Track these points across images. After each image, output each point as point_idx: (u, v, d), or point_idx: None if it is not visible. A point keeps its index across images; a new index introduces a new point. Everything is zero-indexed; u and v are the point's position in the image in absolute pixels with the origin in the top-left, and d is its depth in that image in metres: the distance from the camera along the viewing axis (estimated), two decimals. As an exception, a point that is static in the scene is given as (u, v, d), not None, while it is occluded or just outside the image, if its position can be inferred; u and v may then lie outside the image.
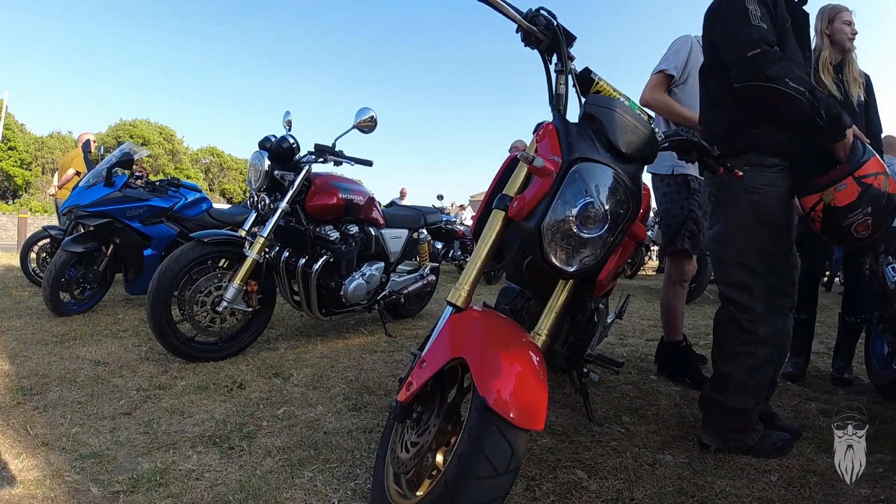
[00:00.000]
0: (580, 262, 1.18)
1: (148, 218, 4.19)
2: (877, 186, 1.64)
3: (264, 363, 2.76)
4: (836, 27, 2.69)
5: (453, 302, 1.27)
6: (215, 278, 2.82)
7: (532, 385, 1.05)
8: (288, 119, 3.13)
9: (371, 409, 2.17)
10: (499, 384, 1.01)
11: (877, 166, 1.66)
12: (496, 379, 1.01)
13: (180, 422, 1.96)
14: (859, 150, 1.69)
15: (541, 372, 1.09)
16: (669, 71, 2.68)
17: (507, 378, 1.02)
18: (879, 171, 1.65)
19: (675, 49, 2.72)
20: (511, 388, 1.01)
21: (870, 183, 1.65)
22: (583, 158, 1.16)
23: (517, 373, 1.05)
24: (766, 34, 1.63)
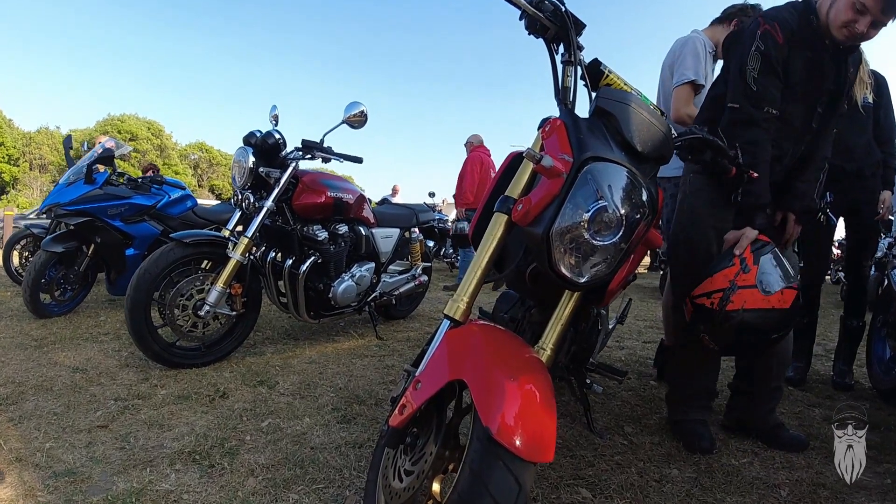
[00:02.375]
0: (592, 271, 1.07)
1: (130, 216, 4.07)
2: (708, 306, 1.60)
3: (249, 370, 2.64)
4: None
5: (451, 315, 1.15)
6: (197, 281, 2.69)
7: (540, 411, 0.94)
8: (275, 114, 3.00)
9: (361, 420, 2.05)
10: (504, 411, 0.90)
11: (721, 282, 1.59)
12: (500, 405, 0.90)
13: (159, 436, 1.85)
14: (725, 258, 1.65)
15: (549, 395, 0.99)
16: (699, 80, 2.55)
17: (512, 403, 0.92)
18: (722, 287, 1.58)
19: (694, 53, 2.58)
20: (517, 416, 0.90)
21: (701, 303, 1.63)
22: (596, 157, 1.05)
23: (523, 397, 0.94)
24: (753, 94, 1.71)
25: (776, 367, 2.03)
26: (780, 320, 1.55)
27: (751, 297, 1.54)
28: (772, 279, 1.56)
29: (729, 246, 1.70)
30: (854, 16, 1.63)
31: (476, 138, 6.46)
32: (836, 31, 1.69)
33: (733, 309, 1.54)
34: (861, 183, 2.70)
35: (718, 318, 1.56)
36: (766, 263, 1.59)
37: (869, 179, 2.71)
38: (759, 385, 2.04)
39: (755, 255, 1.61)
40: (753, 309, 1.52)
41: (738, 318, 1.53)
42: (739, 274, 1.57)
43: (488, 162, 6.16)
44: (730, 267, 1.60)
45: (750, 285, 1.55)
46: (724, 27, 2.70)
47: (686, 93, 2.56)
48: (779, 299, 1.54)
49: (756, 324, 1.53)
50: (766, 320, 1.53)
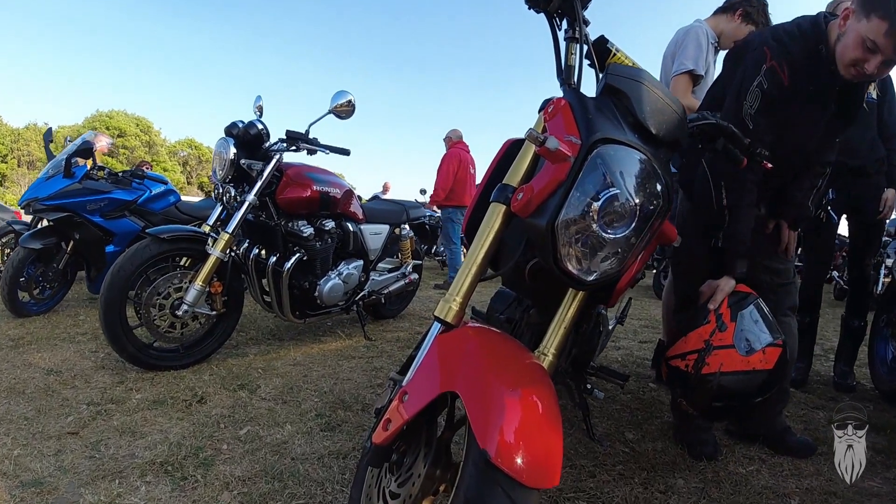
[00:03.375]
0: (601, 268, 0.95)
1: (110, 212, 3.93)
2: (682, 369, 1.46)
3: (230, 372, 2.50)
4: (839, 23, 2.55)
5: (442, 318, 1.03)
6: (175, 278, 2.55)
7: (544, 428, 0.82)
8: (259, 104, 2.86)
9: (346, 428, 1.93)
10: (503, 429, 0.78)
11: (696, 342, 1.45)
12: (499, 422, 0.79)
13: (130, 444, 1.74)
14: (699, 315, 1.51)
15: (553, 408, 0.87)
16: (698, 70, 2.45)
17: (512, 419, 0.80)
18: (697, 348, 1.44)
19: (696, 43, 2.48)
20: (518, 434, 0.79)
21: (675, 366, 1.50)
22: (606, 140, 0.93)
23: (525, 412, 0.82)
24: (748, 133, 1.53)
25: None
26: (764, 383, 1.39)
27: (728, 358, 1.38)
28: (752, 337, 1.41)
29: (704, 299, 1.56)
30: (864, 54, 1.47)
31: (455, 133, 6.28)
32: (842, 68, 1.54)
33: (709, 372, 1.39)
34: (864, 180, 2.62)
35: (693, 381, 1.42)
36: (746, 319, 1.44)
37: (872, 177, 2.62)
38: None
39: (732, 311, 1.46)
40: (732, 372, 1.37)
41: (714, 382, 1.38)
42: (715, 333, 1.43)
43: (467, 159, 6.01)
44: (704, 325, 1.46)
45: (727, 345, 1.40)
46: (727, 17, 2.62)
47: (684, 83, 2.47)
48: (760, 359, 1.38)
49: (735, 388, 1.38)
50: (747, 384, 1.38)
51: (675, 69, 2.49)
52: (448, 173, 5.82)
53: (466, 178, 5.92)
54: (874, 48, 1.44)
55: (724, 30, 2.61)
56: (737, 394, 1.38)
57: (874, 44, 1.43)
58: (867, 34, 1.43)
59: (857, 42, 1.46)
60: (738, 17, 2.58)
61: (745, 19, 2.58)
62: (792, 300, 1.91)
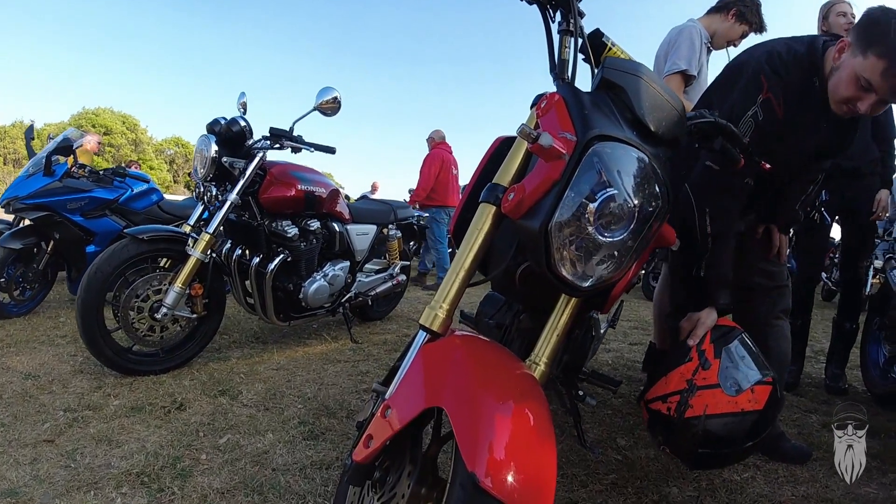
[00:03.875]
0: (597, 273, 0.90)
1: (90, 211, 3.83)
2: (664, 412, 1.30)
3: (211, 377, 2.42)
4: (832, 22, 2.58)
5: (427, 326, 0.96)
6: (154, 280, 2.47)
7: (536, 447, 0.76)
8: (243, 101, 2.77)
9: (330, 436, 1.86)
10: (492, 449, 0.72)
11: (678, 383, 1.30)
12: (488, 441, 0.73)
13: (107, 453, 1.68)
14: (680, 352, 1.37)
15: (546, 423, 0.81)
16: (691, 71, 2.40)
17: (501, 437, 0.74)
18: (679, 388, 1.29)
19: (689, 43, 2.44)
20: (509, 454, 0.73)
21: (656, 409, 1.34)
22: (603, 136, 0.87)
23: (516, 429, 0.76)
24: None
25: (776, 370, 1.89)
26: (754, 425, 1.23)
27: (714, 399, 1.23)
28: (739, 375, 1.26)
29: (684, 335, 1.42)
30: (857, 92, 1.37)
31: (438, 134, 6.23)
32: (833, 104, 1.45)
33: (694, 416, 1.23)
34: (858, 182, 2.60)
35: (677, 426, 1.26)
36: (731, 356, 1.30)
37: (866, 178, 2.60)
38: None
39: (716, 347, 1.32)
40: (719, 414, 1.22)
41: (700, 426, 1.22)
42: (698, 371, 1.28)
43: (449, 160, 5.99)
44: (686, 363, 1.32)
45: (712, 385, 1.25)
46: (721, 16, 2.59)
47: (676, 83, 2.43)
48: (749, 399, 1.23)
49: (723, 433, 1.23)
50: (736, 427, 1.23)
51: (667, 69, 2.45)
52: (430, 173, 5.81)
53: (449, 178, 5.91)
54: (868, 87, 1.35)
55: (717, 29, 2.58)
56: (725, 439, 1.23)
57: (869, 83, 1.34)
58: (862, 72, 1.34)
59: (851, 79, 1.37)
60: (731, 17, 2.55)
61: (738, 19, 2.55)
62: (785, 303, 1.87)
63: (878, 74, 1.32)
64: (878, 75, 1.32)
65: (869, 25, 1.36)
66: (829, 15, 2.61)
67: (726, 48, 2.67)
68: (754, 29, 2.61)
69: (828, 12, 2.62)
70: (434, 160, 5.87)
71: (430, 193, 5.83)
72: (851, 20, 2.54)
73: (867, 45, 1.33)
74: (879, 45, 1.31)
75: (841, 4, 2.59)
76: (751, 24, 2.57)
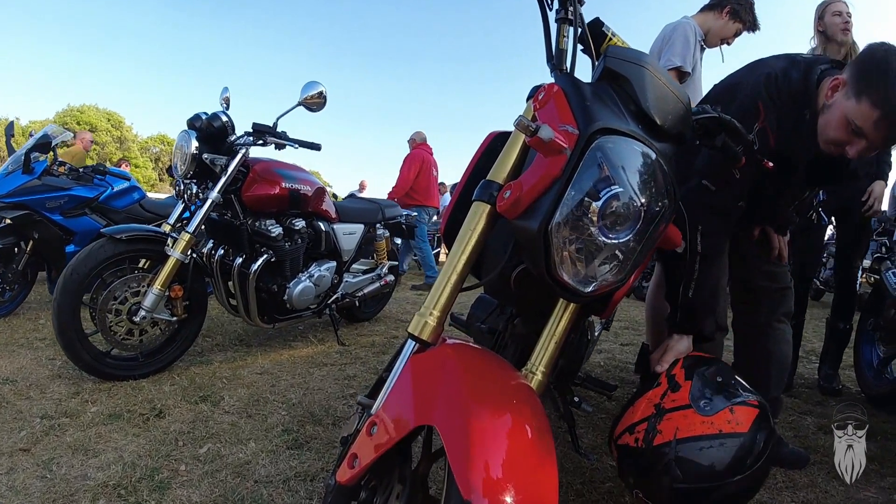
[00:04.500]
0: (600, 278, 0.83)
1: (70, 209, 3.76)
2: (632, 445, 1.12)
3: (192, 382, 2.33)
4: (827, 21, 2.55)
5: (416, 335, 0.89)
6: (133, 282, 2.37)
7: (536, 468, 0.70)
8: (226, 96, 2.69)
9: (315, 445, 1.78)
10: (488, 472, 0.66)
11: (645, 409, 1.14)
12: (484, 463, 0.66)
13: (83, 463, 1.61)
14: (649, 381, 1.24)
15: (546, 439, 0.75)
16: (685, 68, 2.37)
17: (498, 460, 0.67)
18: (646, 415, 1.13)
19: (684, 39, 2.41)
20: (507, 478, 0.66)
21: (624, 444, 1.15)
22: (607, 130, 0.81)
23: (513, 450, 0.70)
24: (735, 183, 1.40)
25: (776, 374, 1.85)
26: (739, 452, 1.01)
27: (685, 420, 1.05)
28: (714, 394, 1.08)
29: (654, 366, 1.30)
30: (846, 136, 1.30)
31: (419, 135, 6.28)
32: (822, 143, 1.38)
33: (663, 442, 1.05)
34: (854, 183, 2.57)
35: (646, 458, 1.07)
36: (705, 377, 1.13)
37: (862, 179, 2.57)
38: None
39: (688, 371, 1.17)
40: (692, 437, 1.03)
41: (670, 454, 1.03)
42: (667, 394, 1.12)
43: (430, 161, 6.04)
44: (655, 388, 1.17)
45: (682, 405, 1.08)
46: (714, 14, 2.59)
47: None
48: (728, 420, 1.04)
49: (700, 460, 1.01)
50: (715, 453, 1.01)
51: (661, 65, 2.42)
52: (409, 172, 5.85)
53: (429, 179, 5.98)
54: (859, 133, 1.27)
55: (711, 27, 2.58)
56: (704, 469, 1.01)
57: (860, 129, 1.26)
58: (854, 117, 1.26)
59: (842, 122, 1.30)
60: (725, 15, 2.55)
61: (732, 17, 2.55)
62: (787, 306, 1.83)
63: (870, 123, 1.24)
64: (870, 124, 1.24)
65: (866, 67, 1.27)
66: (824, 15, 2.58)
67: (720, 46, 2.66)
68: (748, 27, 2.61)
69: (823, 12, 2.59)
70: (414, 160, 5.90)
71: (411, 193, 5.86)
72: (847, 19, 2.52)
73: (862, 90, 1.25)
74: (875, 93, 1.22)
75: (836, 3, 2.56)
76: (744, 22, 2.58)
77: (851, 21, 2.53)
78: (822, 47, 2.58)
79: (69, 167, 3.96)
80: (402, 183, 5.84)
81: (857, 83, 1.26)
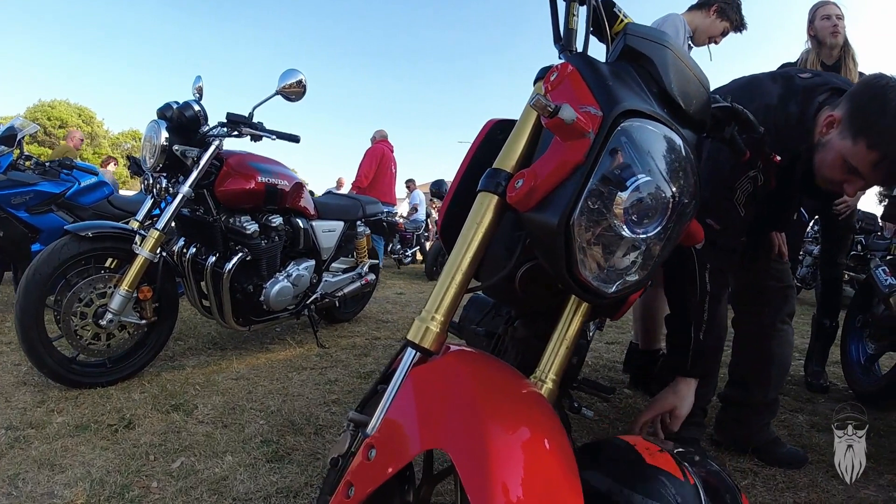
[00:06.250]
0: (625, 276, 0.75)
1: (35, 206, 3.59)
2: None
3: (163, 390, 2.19)
4: (817, 25, 2.58)
5: (418, 343, 0.78)
6: (99, 282, 2.22)
7: (559, 489, 0.61)
8: (199, 85, 2.53)
9: (297, 457, 1.67)
10: (508, 497, 0.56)
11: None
12: (502, 486, 0.57)
13: (50, 479, 1.49)
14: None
15: (568, 456, 0.66)
16: None
17: (516, 483, 0.58)
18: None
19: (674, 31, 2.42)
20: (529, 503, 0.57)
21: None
22: (635, 112, 0.72)
23: (536, 472, 0.61)
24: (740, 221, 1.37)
25: (776, 376, 1.82)
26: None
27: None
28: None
29: (669, 429, 1.21)
30: (843, 176, 1.26)
31: (380, 133, 6.37)
32: (819, 180, 1.34)
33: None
34: None
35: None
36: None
37: None
38: (757, 396, 1.82)
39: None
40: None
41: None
42: None
43: (389, 157, 6.13)
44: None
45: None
46: (703, 13, 2.61)
47: None
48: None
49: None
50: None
51: None
52: (368, 168, 5.93)
53: (387, 174, 6.06)
54: (857, 173, 1.23)
55: (699, 25, 2.62)
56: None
57: (857, 170, 1.22)
58: (850, 158, 1.21)
59: (837, 162, 1.25)
60: (713, 13, 2.57)
61: (720, 15, 2.57)
62: (791, 306, 1.79)
63: (867, 165, 1.19)
64: (868, 165, 1.19)
65: (863, 105, 1.20)
66: (814, 19, 2.60)
67: (708, 45, 2.67)
68: (734, 27, 2.65)
69: (814, 16, 2.61)
70: (374, 155, 5.99)
71: (369, 190, 5.86)
72: (836, 22, 2.53)
73: (858, 133, 1.19)
74: (871, 135, 1.17)
75: (825, 7, 2.58)
76: (731, 21, 2.60)
77: (842, 23, 2.55)
78: (814, 51, 2.60)
79: (35, 161, 3.80)
80: (364, 171, 5.91)
81: (854, 123, 1.20)
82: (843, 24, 2.55)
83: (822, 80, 1.41)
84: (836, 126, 1.25)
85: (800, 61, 2.67)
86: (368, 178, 5.88)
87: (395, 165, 6.20)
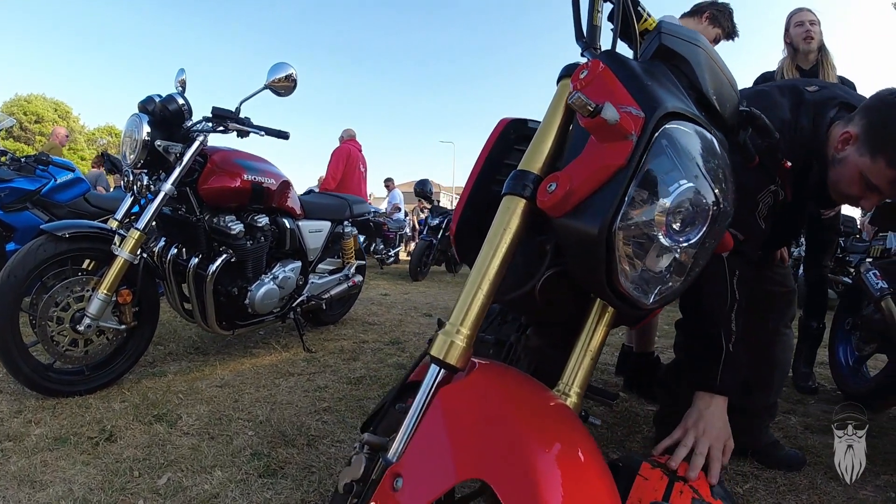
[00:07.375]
0: (665, 286, 0.70)
1: (10, 203, 3.44)
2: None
3: (144, 398, 2.09)
4: (791, 33, 2.67)
5: (443, 359, 0.72)
6: (76, 285, 2.11)
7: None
8: (182, 78, 2.42)
9: (290, 470, 1.59)
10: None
11: None
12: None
13: (30, 497, 1.40)
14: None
15: (606, 475, 0.63)
16: None
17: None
18: None
19: None
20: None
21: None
22: (677, 115, 0.68)
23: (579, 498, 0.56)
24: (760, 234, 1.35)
25: (778, 380, 1.81)
26: None
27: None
28: None
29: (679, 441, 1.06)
30: (861, 192, 1.25)
31: (348, 133, 6.43)
32: (834, 195, 1.33)
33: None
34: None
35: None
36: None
37: None
38: (758, 399, 1.81)
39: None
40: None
41: None
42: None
43: (357, 156, 6.19)
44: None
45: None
46: (695, 20, 2.61)
47: None
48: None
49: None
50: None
51: None
52: (336, 168, 5.99)
53: (355, 173, 6.14)
54: (875, 189, 1.22)
55: None
56: None
57: (876, 186, 1.21)
58: (870, 175, 1.20)
59: (855, 179, 1.24)
60: (705, 20, 2.57)
61: (711, 22, 2.57)
62: (793, 311, 1.79)
63: (886, 182, 1.18)
64: (887, 183, 1.18)
65: (880, 121, 1.19)
66: (789, 26, 2.69)
67: None
68: (726, 34, 2.67)
69: (788, 23, 2.70)
70: (341, 154, 6.05)
71: (337, 190, 5.86)
72: (809, 28, 2.61)
73: (877, 150, 1.17)
74: (891, 152, 1.15)
75: (799, 14, 2.67)
76: (724, 28, 2.61)
77: (815, 29, 2.63)
78: (790, 57, 2.69)
79: (10, 156, 3.64)
80: (332, 172, 5.96)
81: (872, 139, 1.19)
82: (817, 29, 2.62)
83: (830, 94, 1.40)
84: (852, 143, 1.23)
85: (778, 69, 2.74)
86: (336, 178, 5.94)
87: (363, 164, 6.25)
